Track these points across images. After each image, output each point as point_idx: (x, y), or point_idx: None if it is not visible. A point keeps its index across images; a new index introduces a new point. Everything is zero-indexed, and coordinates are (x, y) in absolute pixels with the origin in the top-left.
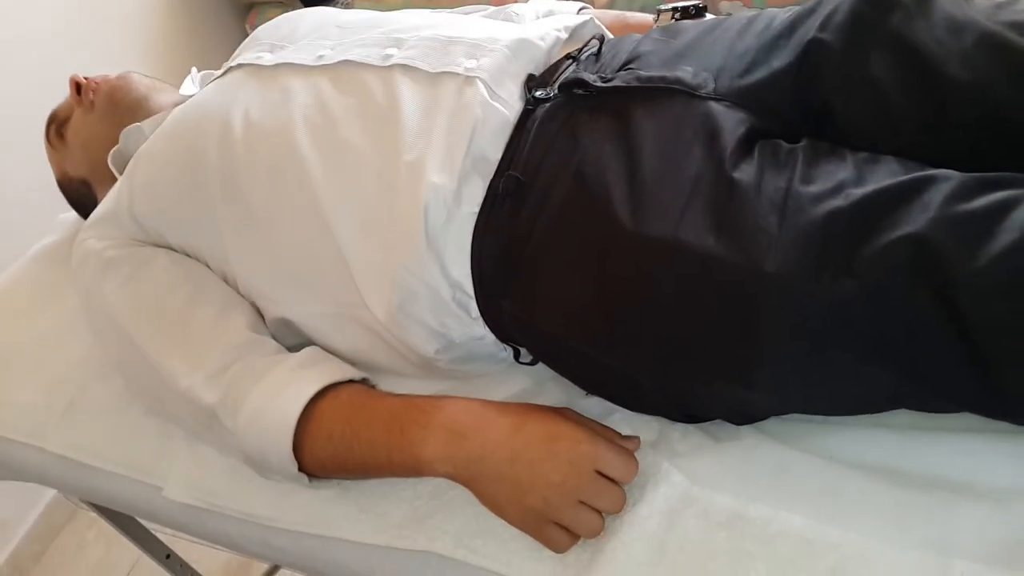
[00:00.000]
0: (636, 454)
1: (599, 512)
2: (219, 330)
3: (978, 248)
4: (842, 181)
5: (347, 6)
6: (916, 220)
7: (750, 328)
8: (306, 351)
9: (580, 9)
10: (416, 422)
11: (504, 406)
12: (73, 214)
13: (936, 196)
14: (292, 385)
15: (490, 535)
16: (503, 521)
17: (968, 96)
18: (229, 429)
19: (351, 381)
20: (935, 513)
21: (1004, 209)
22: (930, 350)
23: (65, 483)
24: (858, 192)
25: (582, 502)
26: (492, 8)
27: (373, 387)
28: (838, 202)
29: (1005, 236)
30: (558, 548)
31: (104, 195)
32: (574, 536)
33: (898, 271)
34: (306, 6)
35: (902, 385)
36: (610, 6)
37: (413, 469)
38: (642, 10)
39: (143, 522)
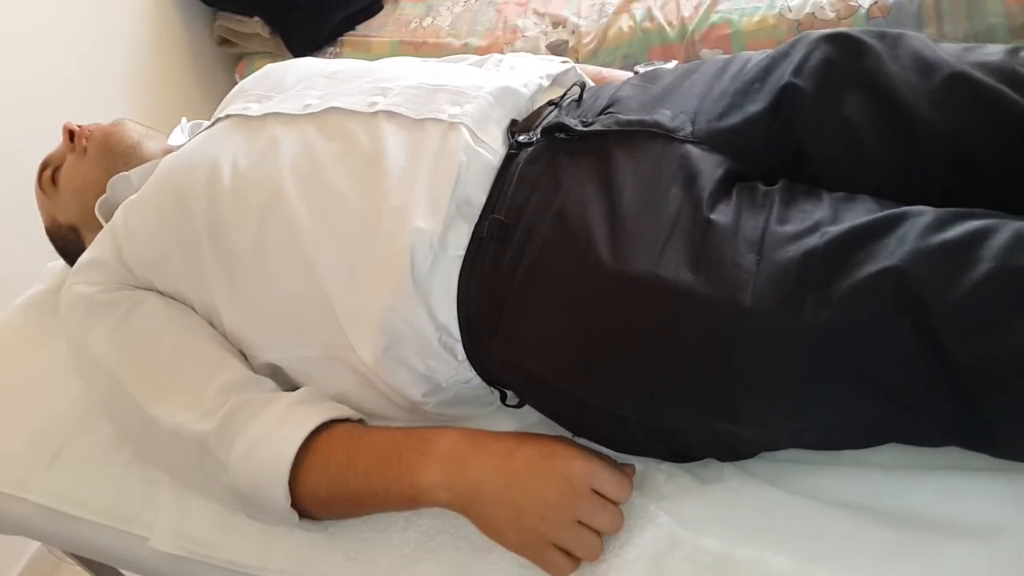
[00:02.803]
0: None
1: (598, 534)
2: (214, 370)
3: (956, 278)
4: (818, 220)
5: (335, 56)
6: (893, 253)
7: (732, 362)
8: (302, 390)
9: (563, 61)
10: (414, 450)
11: (499, 434)
12: (61, 263)
13: (912, 230)
14: (290, 419)
15: None
16: (492, 563)
17: (939, 135)
18: (221, 462)
19: (347, 419)
20: (918, 552)
21: (980, 238)
22: (912, 381)
23: (49, 534)
24: (834, 230)
25: (580, 522)
26: (476, 58)
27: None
28: (814, 240)
29: (982, 265)
30: (557, 573)
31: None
32: (574, 560)
33: (877, 303)
34: (295, 56)
35: (886, 417)
36: (592, 58)
37: (411, 499)
38: (624, 61)
39: (127, 574)
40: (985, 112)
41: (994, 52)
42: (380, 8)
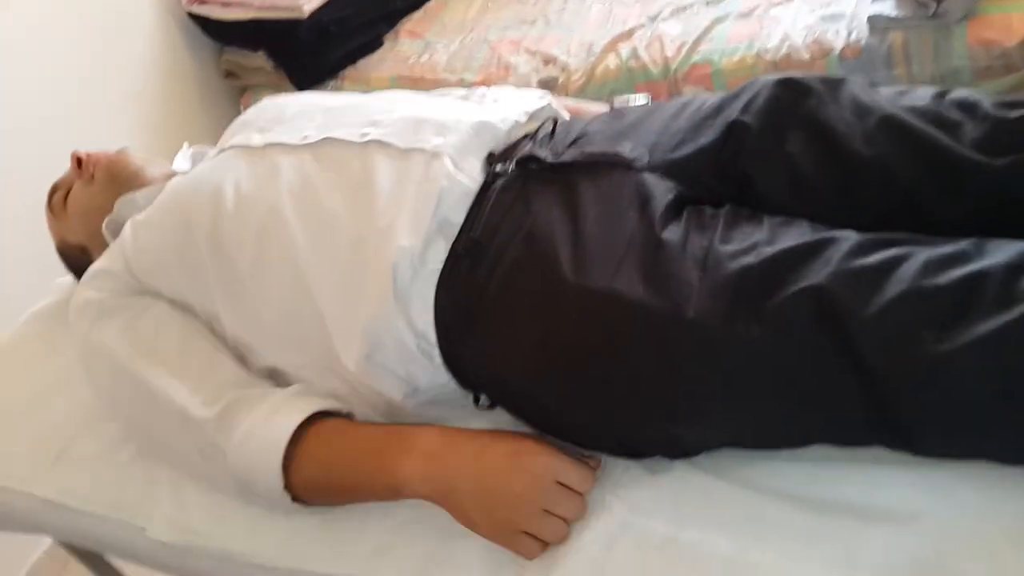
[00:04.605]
0: None
1: (564, 520)
2: (215, 368)
3: (870, 297)
4: (756, 241)
5: (336, 89)
6: (818, 274)
7: (673, 368)
8: (296, 386)
9: (543, 95)
10: (396, 447)
11: (473, 432)
12: (69, 278)
13: (836, 253)
14: (284, 410)
15: (450, 563)
16: (460, 549)
17: (871, 168)
18: (221, 448)
19: (338, 413)
20: (843, 534)
21: (894, 264)
22: (834, 389)
23: (55, 527)
24: (768, 250)
25: (547, 511)
26: (463, 91)
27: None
28: (750, 259)
29: (893, 288)
30: (528, 555)
31: None
32: (542, 543)
33: (801, 317)
34: (299, 89)
35: (812, 421)
36: (580, 95)
37: (393, 490)
38: (611, 94)
39: (130, 571)
40: (912, 148)
41: (923, 97)
42: (380, 45)
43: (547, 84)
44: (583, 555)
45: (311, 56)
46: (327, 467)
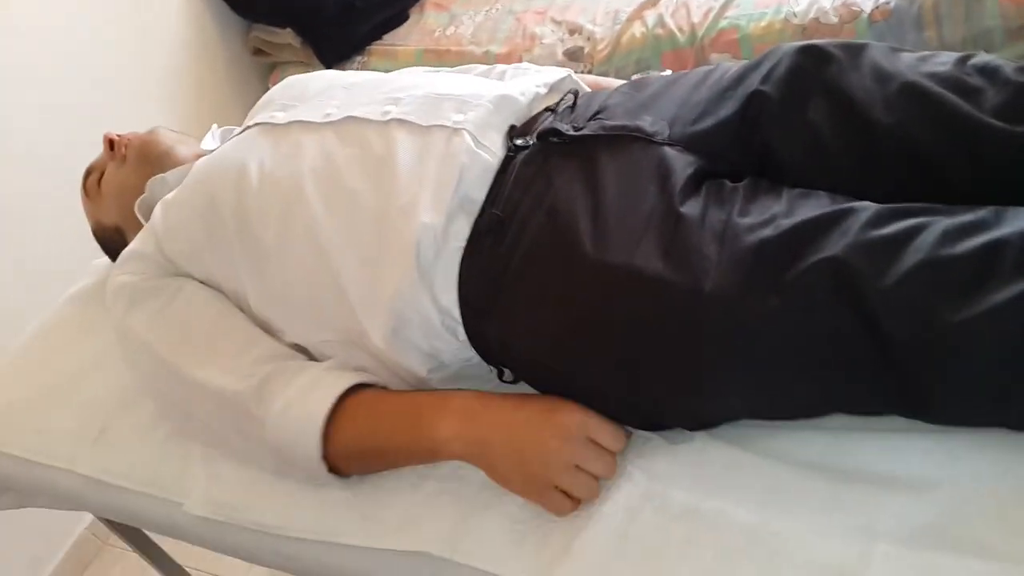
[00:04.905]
0: None
1: (595, 477)
2: (250, 343)
3: (888, 268)
4: (775, 213)
5: (363, 65)
6: (835, 245)
7: (693, 341)
8: (332, 360)
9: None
10: (432, 409)
11: (505, 394)
12: (105, 259)
13: (854, 224)
14: (323, 382)
15: (475, 535)
16: (486, 520)
17: (891, 136)
18: (259, 419)
19: (372, 385)
20: (862, 503)
21: (912, 234)
22: (853, 359)
23: (96, 504)
24: (787, 223)
25: (578, 467)
26: (483, 67)
27: None
28: (768, 232)
29: (910, 257)
30: (560, 511)
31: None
32: (575, 501)
33: (819, 289)
34: (326, 67)
35: (831, 391)
36: (606, 63)
37: (430, 451)
38: (637, 66)
39: (168, 546)
40: (932, 115)
41: (944, 62)
42: (406, 18)
43: (573, 54)
44: (605, 524)
45: (338, 31)
46: (365, 435)
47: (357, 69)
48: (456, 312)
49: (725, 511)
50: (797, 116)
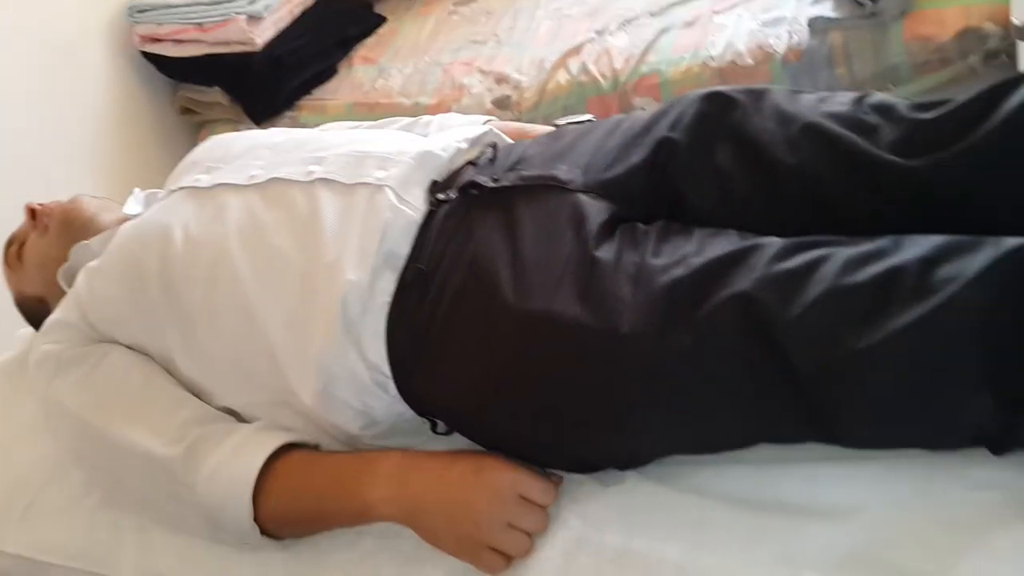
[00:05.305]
0: None
1: (528, 534)
2: (177, 406)
3: (793, 299)
4: (685, 253)
5: (294, 120)
6: (744, 280)
7: (613, 382)
8: (261, 421)
9: (486, 121)
10: (361, 471)
11: (435, 453)
12: (28, 329)
13: (761, 259)
14: (252, 444)
15: None
16: (426, 574)
17: (794, 175)
18: (188, 485)
19: (303, 445)
20: (786, 533)
21: (815, 266)
22: (766, 390)
23: None
24: (697, 261)
25: (510, 525)
26: (406, 120)
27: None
28: (680, 271)
29: (814, 288)
30: (492, 570)
31: None
32: (507, 558)
33: (730, 325)
34: (256, 123)
35: (750, 422)
36: (534, 111)
37: (360, 514)
38: (563, 113)
39: None
40: (832, 153)
41: (843, 102)
42: (334, 73)
43: (501, 103)
44: (542, 570)
45: (266, 88)
46: (295, 498)
47: (288, 124)
48: (386, 367)
49: (654, 549)
50: (705, 160)
